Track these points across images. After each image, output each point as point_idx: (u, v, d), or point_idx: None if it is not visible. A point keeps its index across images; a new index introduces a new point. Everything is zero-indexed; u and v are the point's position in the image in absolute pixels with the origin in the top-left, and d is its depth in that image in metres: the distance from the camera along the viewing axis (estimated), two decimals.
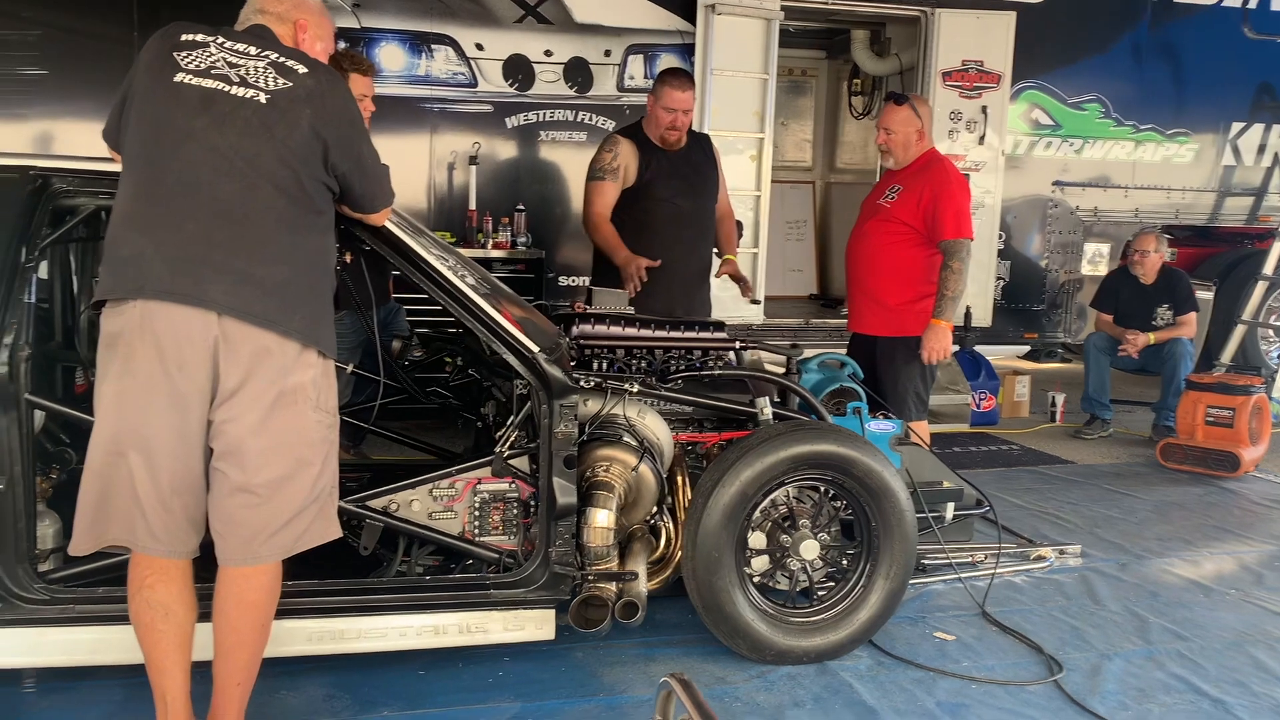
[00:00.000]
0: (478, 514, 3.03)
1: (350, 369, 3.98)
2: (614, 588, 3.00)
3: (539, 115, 6.48)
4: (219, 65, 2.42)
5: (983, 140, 7.13)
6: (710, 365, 3.43)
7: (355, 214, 2.72)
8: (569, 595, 2.97)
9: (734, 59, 6.52)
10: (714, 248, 4.79)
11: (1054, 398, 7.12)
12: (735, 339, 3.60)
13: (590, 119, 6.54)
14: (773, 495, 3.19)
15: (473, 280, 3.08)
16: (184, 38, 2.45)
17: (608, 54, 6.53)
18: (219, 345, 2.31)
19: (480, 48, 6.33)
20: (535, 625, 2.96)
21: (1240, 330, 6.74)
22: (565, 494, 2.93)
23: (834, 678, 3.11)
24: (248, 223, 2.36)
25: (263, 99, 2.40)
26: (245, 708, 2.47)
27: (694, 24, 6.48)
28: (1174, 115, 7.74)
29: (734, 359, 3.59)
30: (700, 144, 4.65)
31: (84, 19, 5.73)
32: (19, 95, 5.66)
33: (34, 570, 2.67)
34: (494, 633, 2.93)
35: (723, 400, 3.36)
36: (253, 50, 2.46)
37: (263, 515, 2.39)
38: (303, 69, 2.47)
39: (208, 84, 2.39)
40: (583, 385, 3.05)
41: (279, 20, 2.56)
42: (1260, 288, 6.80)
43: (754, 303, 6.64)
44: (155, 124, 2.39)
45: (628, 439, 3.13)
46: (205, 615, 2.44)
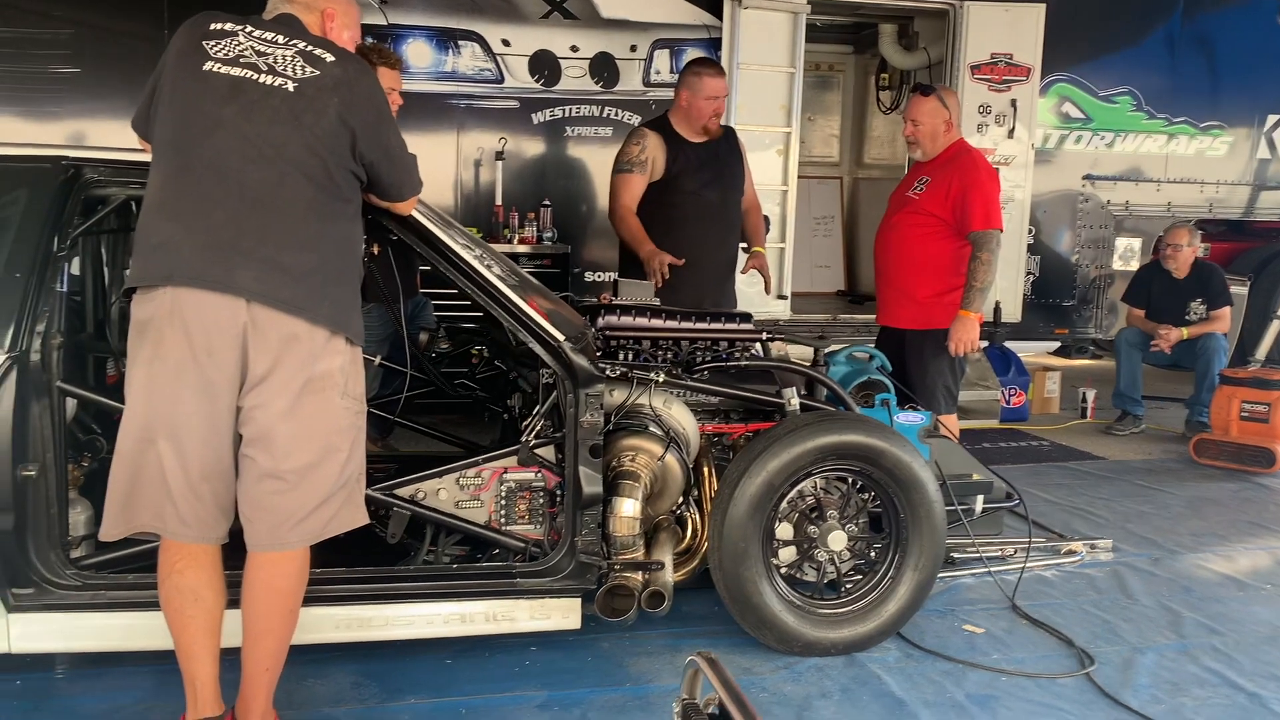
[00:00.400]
0: (504, 503, 3.03)
1: (378, 361, 4.00)
2: (640, 577, 2.99)
3: (565, 111, 6.49)
4: (247, 54, 2.43)
5: (1012, 134, 7.07)
6: (736, 356, 3.41)
7: (383, 203, 2.72)
8: (595, 584, 2.96)
9: (760, 53, 6.50)
10: (740, 241, 4.78)
11: (1085, 394, 7.04)
12: (762, 330, 3.58)
13: (616, 114, 6.54)
14: (800, 486, 3.18)
15: (499, 270, 3.08)
16: (213, 27, 2.46)
17: (634, 49, 6.53)
18: (248, 332, 2.32)
19: (507, 44, 6.35)
20: (561, 614, 2.96)
21: (1276, 325, 6.61)
22: (591, 483, 2.92)
23: (862, 669, 3.09)
24: (276, 210, 2.37)
25: (291, 87, 2.41)
26: (273, 693, 2.48)
27: (720, 18, 6.46)
28: (1208, 108, 7.64)
29: (760, 350, 3.58)
30: (726, 136, 4.63)
31: (115, 17, 5.78)
32: (52, 93, 5.72)
33: (66, 556, 2.70)
34: (520, 621, 2.93)
35: (749, 391, 3.35)
36: (281, 39, 2.47)
37: (291, 501, 2.39)
38: (330, 57, 2.48)
39: (236, 72, 2.40)
40: (608, 374, 3.04)
41: (306, 9, 2.56)
42: None
43: (780, 298, 6.66)
44: (184, 112, 2.40)
45: (653, 429, 3.12)
46: (235, 602, 2.45)
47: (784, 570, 3.19)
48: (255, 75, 2.40)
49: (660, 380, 3.14)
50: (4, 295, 2.62)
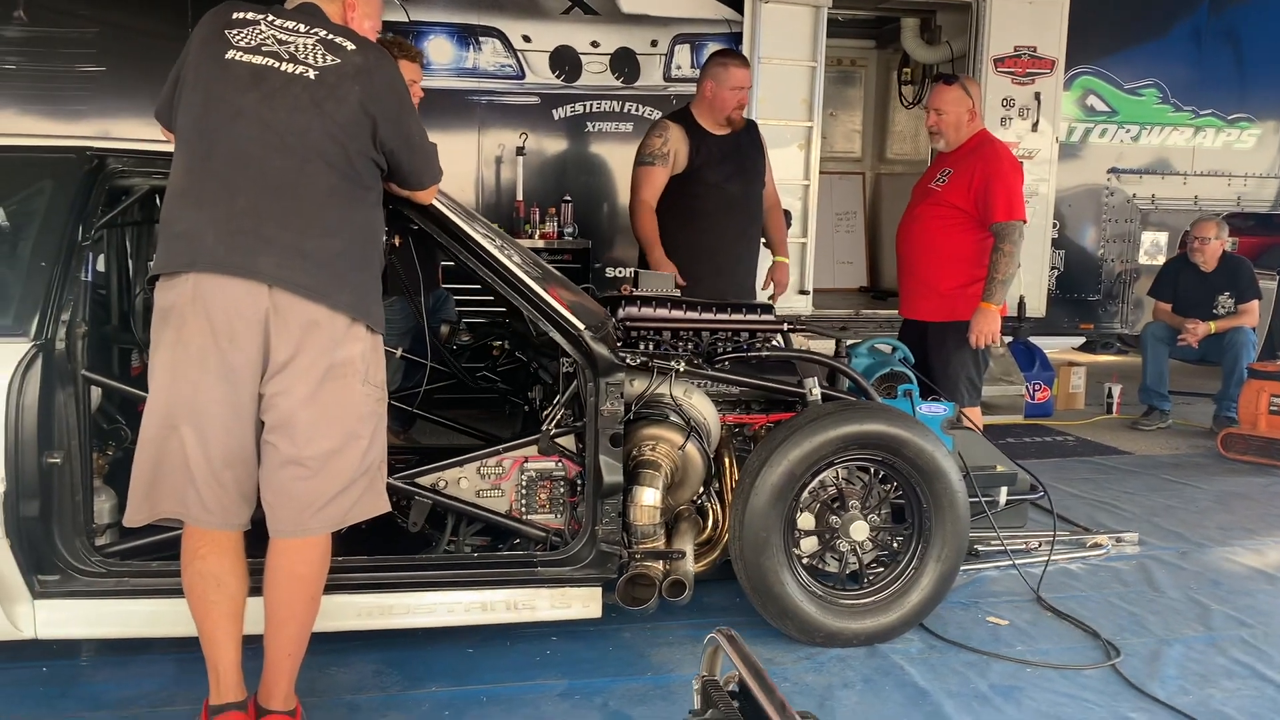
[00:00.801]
0: (525, 492, 3.03)
1: (399, 353, 4.01)
2: (661, 566, 2.98)
3: (585, 106, 6.49)
4: (269, 42, 2.44)
5: (1036, 128, 7.00)
6: (757, 348, 3.40)
7: (403, 192, 2.73)
8: (616, 574, 2.96)
9: (782, 47, 6.47)
10: (761, 237, 4.77)
11: (1110, 389, 6.98)
12: (783, 321, 3.56)
13: (637, 110, 6.53)
14: (821, 476, 3.16)
15: (519, 259, 3.08)
16: (235, 16, 2.48)
17: (654, 44, 6.52)
18: (270, 318, 2.33)
19: (527, 40, 6.35)
20: (582, 603, 2.95)
21: None
22: (611, 472, 2.92)
23: (884, 660, 3.07)
24: (298, 197, 2.38)
25: (312, 75, 2.42)
26: (295, 679, 2.49)
27: (741, 12, 6.43)
28: (1235, 100, 7.55)
29: (781, 341, 3.56)
30: (748, 129, 4.62)
31: (141, 16, 5.83)
32: (77, 91, 5.78)
33: (91, 543, 2.72)
34: (541, 610, 2.93)
35: (770, 381, 3.33)
36: (302, 27, 2.48)
37: (312, 488, 2.40)
38: (351, 46, 2.49)
39: (258, 60, 2.41)
40: (628, 363, 3.04)
41: None
42: None
43: (802, 293, 6.64)
44: (207, 100, 2.42)
45: (674, 418, 3.11)
46: (257, 589, 2.46)
47: (806, 560, 3.17)
48: (277, 63, 2.42)
49: (681, 370, 3.13)
50: (29, 284, 2.65)
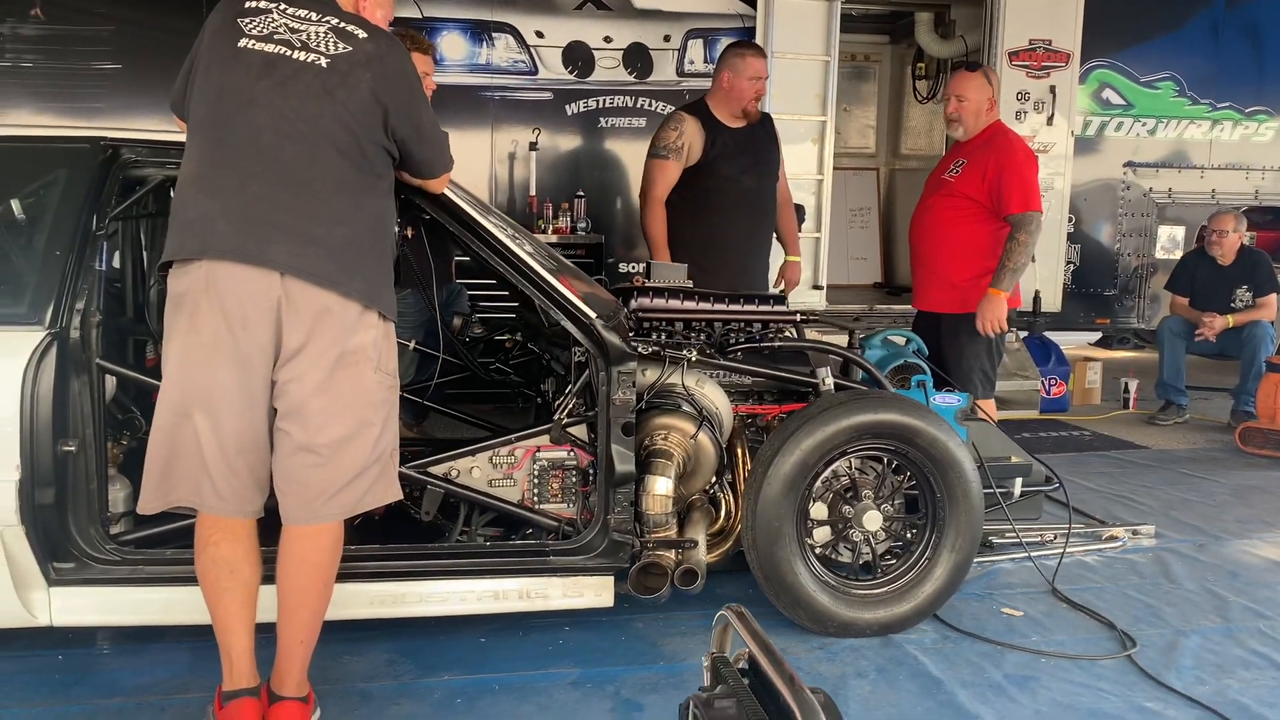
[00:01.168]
0: (537, 482, 3.03)
1: (412, 346, 4.01)
2: (673, 555, 2.98)
3: (598, 102, 6.49)
4: (281, 30, 2.45)
5: (1051, 121, 6.97)
6: (770, 338, 3.39)
7: (415, 180, 2.73)
8: (628, 563, 2.95)
9: (795, 41, 6.45)
10: (774, 232, 4.76)
11: (1127, 384, 6.93)
12: (796, 312, 3.55)
13: (650, 105, 6.53)
14: (834, 466, 3.15)
15: (530, 248, 3.08)
16: (247, 4, 2.48)
17: (667, 39, 6.52)
18: (282, 305, 2.34)
19: (540, 35, 6.36)
20: (594, 592, 2.95)
21: None
22: (623, 461, 2.91)
23: (898, 650, 3.06)
24: (310, 184, 2.39)
25: (324, 63, 2.42)
26: (308, 666, 2.49)
27: (754, 7, 6.42)
28: (1253, 93, 7.49)
29: (794, 333, 3.55)
30: (763, 122, 4.61)
31: (156, 14, 5.86)
32: (94, 89, 5.82)
33: (106, 531, 2.73)
34: (553, 598, 2.92)
35: (783, 371, 3.32)
36: (314, 16, 2.49)
37: (325, 475, 2.40)
38: (363, 34, 2.49)
39: (270, 49, 2.42)
40: (640, 351, 3.03)
41: None
42: None
43: (815, 288, 6.62)
44: (219, 89, 2.43)
45: (686, 407, 3.11)
46: (270, 578, 2.47)
47: (819, 550, 3.16)
48: (289, 51, 2.42)
49: (693, 359, 3.12)
50: (44, 273, 2.67)
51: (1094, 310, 7.51)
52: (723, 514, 3.25)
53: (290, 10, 2.48)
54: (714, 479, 3.20)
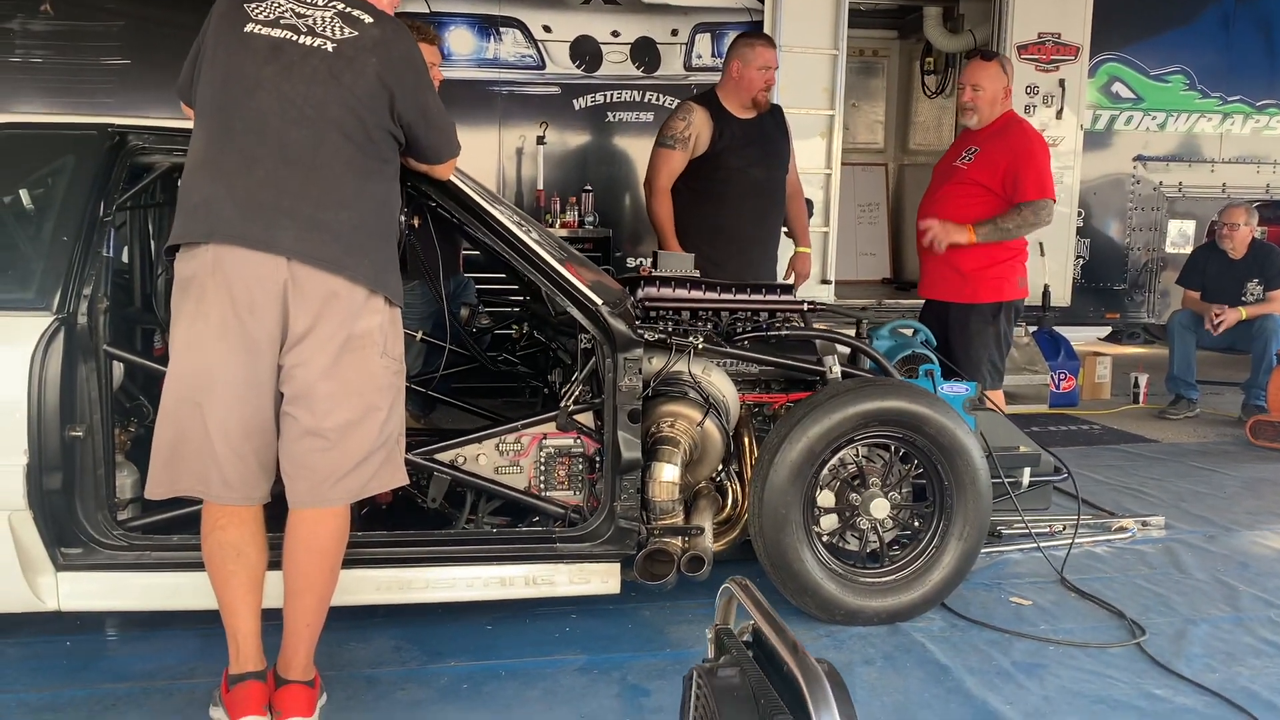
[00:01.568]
0: (543, 469, 3.03)
1: (419, 337, 4.02)
2: (679, 542, 2.97)
3: (606, 96, 6.49)
4: (287, 15, 2.45)
5: (1060, 115, 6.94)
6: (777, 327, 3.38)
7: (421, 166, 2.73)
8: (634, 549, 2.95)
9: (803, 35, 6.43)
10: (783, 224, 4.75)
11: (1137, 379, 6.90)
12: (804, 301, 3.54)
13: (657, 99, 6.52)
14: (841, 454, 3.14)
15: (537, 235, 3.08)
16: None
17: (675, 33, 6.51)
18: (288, 289, 2.34)
19: (548, 30, 6.36)
20: (601, 579, 2.94)
21: None
22: (630, 448, 2.91)
23: (906, 638, 3.05)
24: (316, 169, 2.39)
25: (330, 47, 2.42)
26: (314, 650, 2.49)
27: (762, 1, 6.42)
28: (1264, 87, 7.45)
29: (801, 322, 3.54)
30: (773, 113, 4.60)
31: (165, 9, 5.88)
32: (103, 84, 5.84)
33: (113, 517, 2.73)
34: (560, 585, 2.92)
35: (790, 359, 3.31)
36: (320, 1, 2.49)
37: (331, 459, 2.40)
38: (369, 19, 2.49)
39: (276, 33, 2.42)
40: (646, 338, 3.03)
41: None
42: None
43: (824, 283, 6.60)
44: (226, 73, 2.43)
45: (692, 395, 3.10)
46: (277, 564, 2.47)
47: (826, 538, 3.15)
48: (295, 36, 2.42)
49: (699, 346, 3.11)
50: (51, 259, 2.67)
51: (1104, 305, 7.48)
52: (729, 502, 3.24)
53: None
54: (721, 467, 3.19)
